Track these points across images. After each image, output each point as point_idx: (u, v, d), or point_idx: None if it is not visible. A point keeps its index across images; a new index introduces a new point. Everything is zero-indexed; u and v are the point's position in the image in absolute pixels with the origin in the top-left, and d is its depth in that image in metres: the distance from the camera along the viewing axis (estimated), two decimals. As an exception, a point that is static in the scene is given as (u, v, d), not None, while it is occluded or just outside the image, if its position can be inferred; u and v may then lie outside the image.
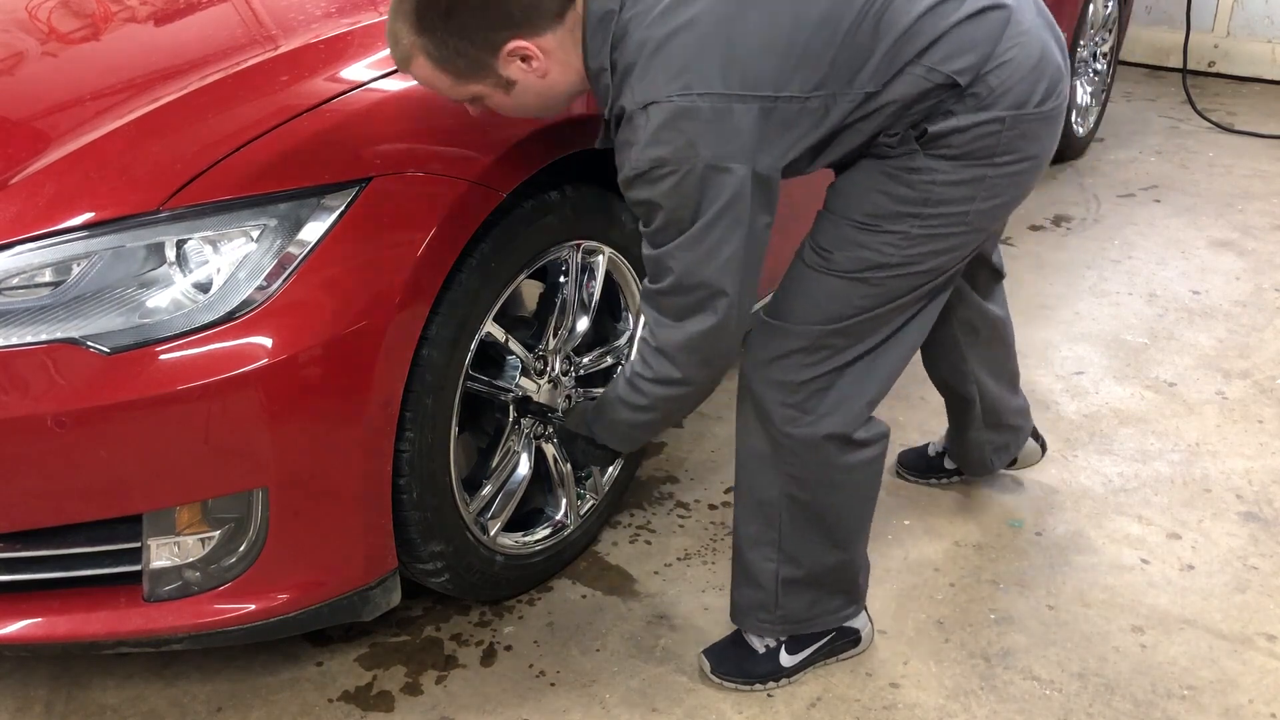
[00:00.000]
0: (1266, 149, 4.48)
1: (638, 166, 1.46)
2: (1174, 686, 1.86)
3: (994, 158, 1.54)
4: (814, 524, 1.76)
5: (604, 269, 2.01)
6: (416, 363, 1.65)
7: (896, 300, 1.63)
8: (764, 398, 1.68)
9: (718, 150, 1.43)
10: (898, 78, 1.49)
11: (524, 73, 1.50)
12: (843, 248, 1.60)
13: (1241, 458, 2.49)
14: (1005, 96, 1.51)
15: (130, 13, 2.15)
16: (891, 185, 1.56)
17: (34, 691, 1.83)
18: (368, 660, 1.90)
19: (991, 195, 1.58)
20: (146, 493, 1.55)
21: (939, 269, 1.63)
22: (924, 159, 1.53)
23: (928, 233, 1.57)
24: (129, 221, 1.51)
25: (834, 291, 1.62)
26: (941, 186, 1.54)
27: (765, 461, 1.73)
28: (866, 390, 1.69)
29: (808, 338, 1.64)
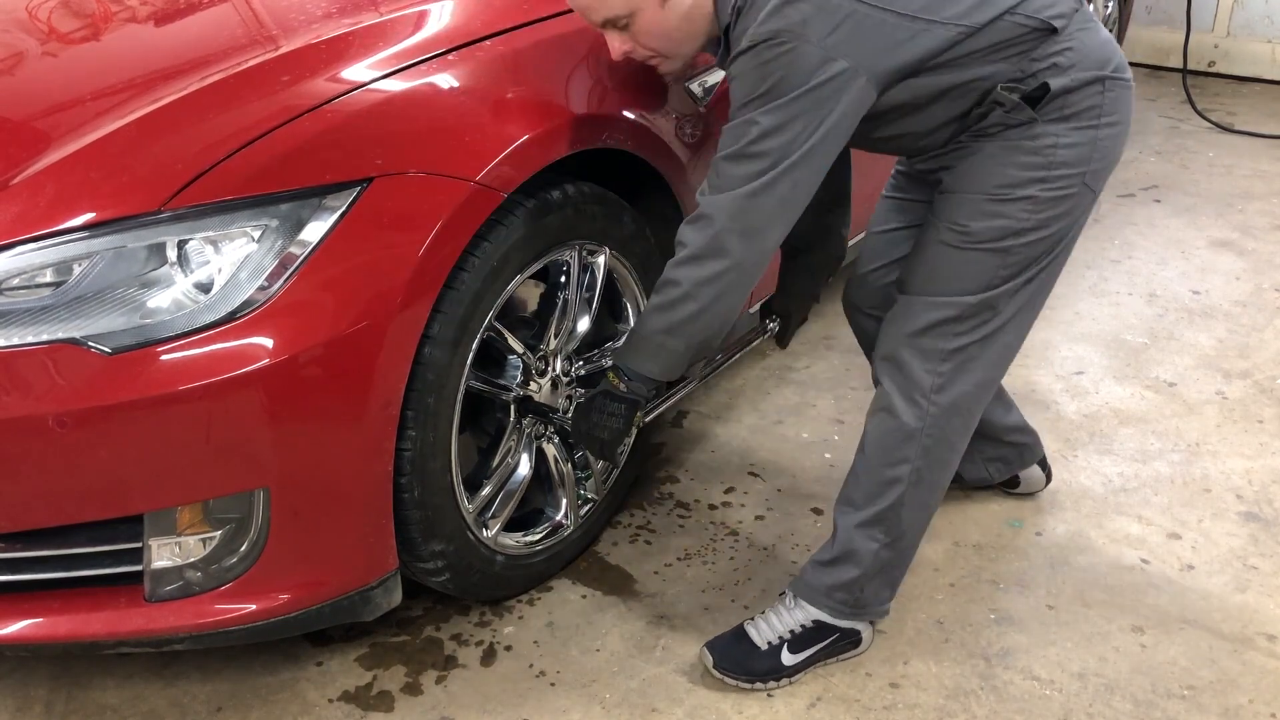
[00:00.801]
0: (1266, 149, 4.48)
1: (752, 39, 1.58)
2: (1174, 686, 1.87)
3: (1100, 118, 1.68)
4: (923, 503, 1.84)
5: (604, 269, 2.01)
6: (418, 362, 1.65)
7: (1030, 269, 1.74)
8: (914, 365, 1.77)
9: (825, 38, 1.55)
10: (995, 23, 1.61)
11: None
12: (979, 219, 1.71)
13: (1241, 458, 2.49)
14: (1092, 56, 1.66)
15: (130, 13, 2.15)
16: (1016, 155, 1.68)
17: (34, 691, 1.83)
18: (368, 660, 1.90)
19: (1101, 155, 1.71)
20: (148, 493, 1.55)
21: (1062, 233, 1.74)
22: (1041, 126, 1.66)
23: (1053, 195, 1.69)
24: (130, 222, 1.51)
25: (977, 263, 1.73)
26: (1062, 149, 1.67)
27: (907, 436, 1.79)
28: (995, 366, 1.81)
29: (959, 308, 1.74)
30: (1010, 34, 1.61)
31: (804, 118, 1.58)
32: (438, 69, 1.74)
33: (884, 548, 1.83)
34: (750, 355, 2.91)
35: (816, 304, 2.18)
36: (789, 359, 2.89)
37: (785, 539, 2.21)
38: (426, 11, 1.92)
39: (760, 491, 2.36)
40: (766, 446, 2.52)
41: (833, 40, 1.55)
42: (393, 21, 1.90)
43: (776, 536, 2.22)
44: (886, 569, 1.86)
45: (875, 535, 1.82)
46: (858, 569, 1.84)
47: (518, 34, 1.86)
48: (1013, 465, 2.26)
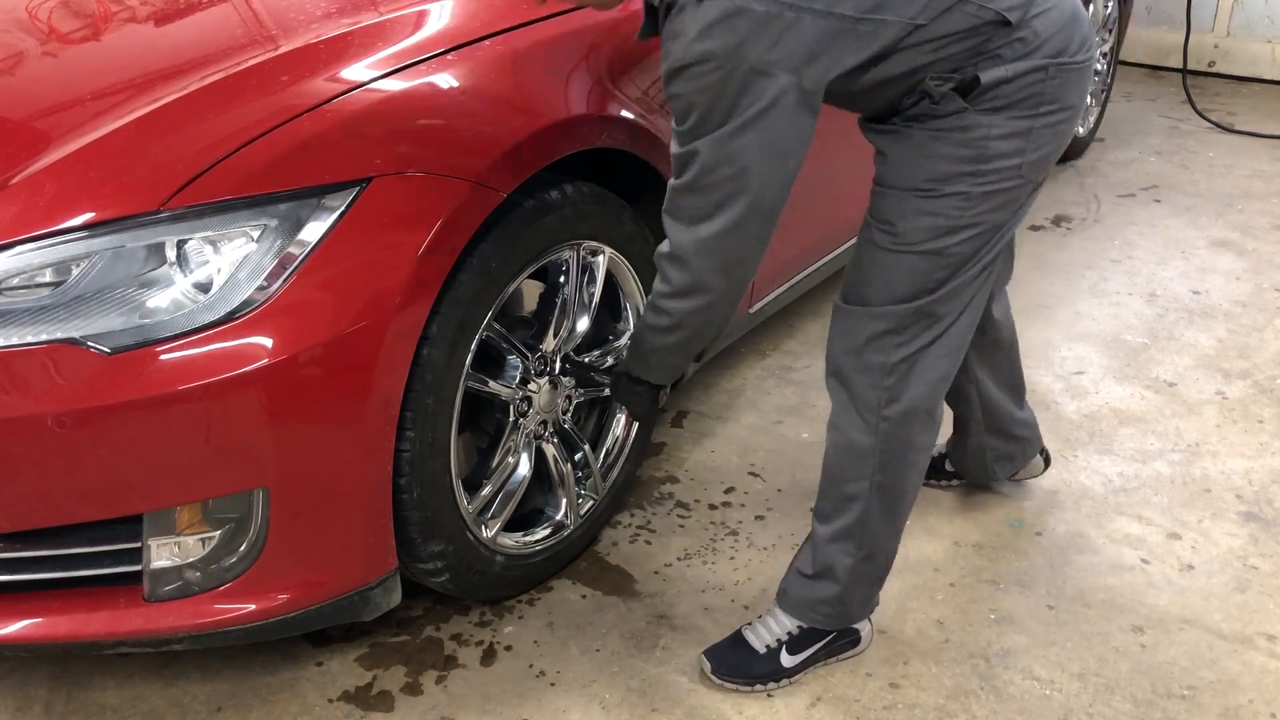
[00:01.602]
0: (1266, 149, 4.48)
1: (684, 59, 1.46)
2: (1174, 686, 1.86)
3: (1039, 108, 1.57)
4: (890, 510, 1.80)
5: (604, 269, 2.01)
6: (417, 362, 1.65)
7: (967, 269, 1.65)
8: (860, 383, 1.72)
9: (764, 54, 1.44)
10: (947, 13, 1.51)
11: None
12: (908, 218, 1.62)
13: (1241, 458, 2.49)
14: (1047, 44, 1.54)
15: (130, 13, 2.15)
16: (945, 148, 1.58)
17: (34, 691, 1.83)
18: (368, 660, 1.90)
19: (1038, 146, 1.60)
20: (147, 493, 1.55)
21: (997, 225, 1.64)
22: (973, 116, 1.56)
23: (986, 189, 1.60)
24: (129, 222, 1.51)
25: (910, 268, 1.64)
26: (994, 141, 1.57)
27: (860, 452, 1.75)
28: (944, 365, 1.73)
29: (895, 318, 1.67)
30: (962, 24, 1.51)
31: (750, 145, 1.49)
32: (437, 69, 1.74)
33: (859, 561, 1.81)
34: (750, 355, 2.91)
35: None
36: (789, 359, 2.89)
37: (785, 539, 2.21)
38: (426, 11, 1.92)
39: (760, 491, 2.36)
40: (766, 446, 2.52)
41: (772, 56, 1.45)
42: (392, 21, 1.90)
43: (776, 536, 2.22)
44: (864, 580, 1.84)
45: (848, 550, 1.81)
46: (837, 585, 1.83)
47: (517, 34, 1.86)
48: (1016, 462, 2.25)
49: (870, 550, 1.81)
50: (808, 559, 1.86)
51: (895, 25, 1.50)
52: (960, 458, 2.26)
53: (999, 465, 2.24)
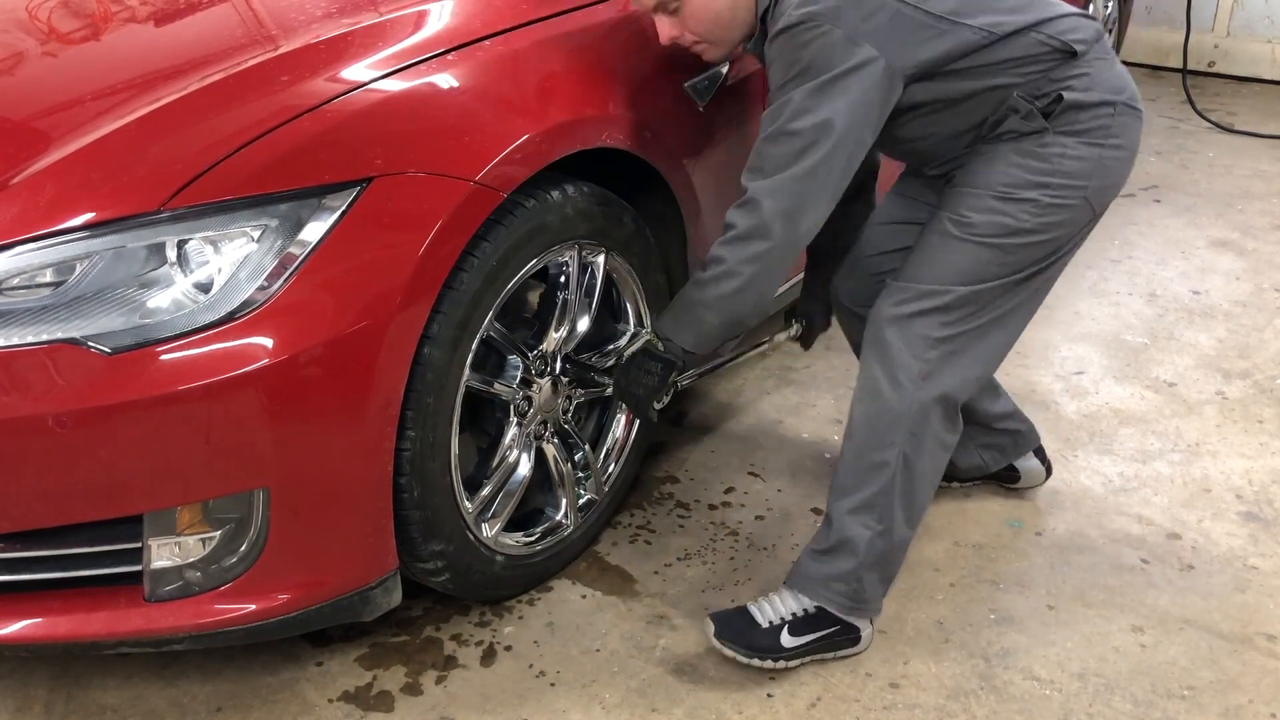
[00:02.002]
0: (1266, 149, 4.48)
1: (789, 20, 1.68)
2: (1174, 686, 1.87)
3: (1107, 139, 1.77)
4: (909, 493, 1.84)
5: (604, 269, 2.01)
6: (417, 362, 1.65)
7: (1024, 271, 1.80)
8: (899, 348, 1.79)
9: (857, 25, 1.66)
10: (1017, 35, 1.72)
11: None
12: (982, 213, 1.77)
13: (1241, 458, 2.49)
14: (1107, 82, 1.76)
15: (130, 13, 2.15)
16: (1024, 159, 1.76)
17: (34, 691, 1.83)
18: (368, 660, 1.90)
19: (1104, 176, 1.79)
20: (147, 493, 1.55)
21: (1059, 243, 1.81)
22: (1051, 136, 1.75)
23: (1055, 202, 1.76)
24: (130, 222, 1.51)
25: (973, 256, 1.78)
26: (1068, 160, 1.75)
27: (893, 420, 1.80)
28: (981, 364, 1.85)
29: (948, 296, 1.78)
30: (1032, 50, 1.72)
31: (836, 100, 1.66)
32: (437, 69, 1.74)
33: (877, 536, 1.83)
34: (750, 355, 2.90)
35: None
36: (789, 359, 2.89)
37: (785, 539, 2.21)
38: (426, 11, 1.92)
39: (760, 491, 2.36)
40: (766, 446, 2.52)
41: (864, 28, 1.65)
42: (392, 21, 1.90)
43: (776, 536, 2.22)
44: (881, 561, 1.85)
45: (868, 522, 1.83)
46: (854, 558, 1.84)
47: (517, 34, 1.86)
48: (1007, 453, 2.26)
49: (888, 526, 1.83)
50: (823, 535, 1.88)
51: (970, 30, 1.70)
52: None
53: (987, 455, 2.25)
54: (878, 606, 1.91)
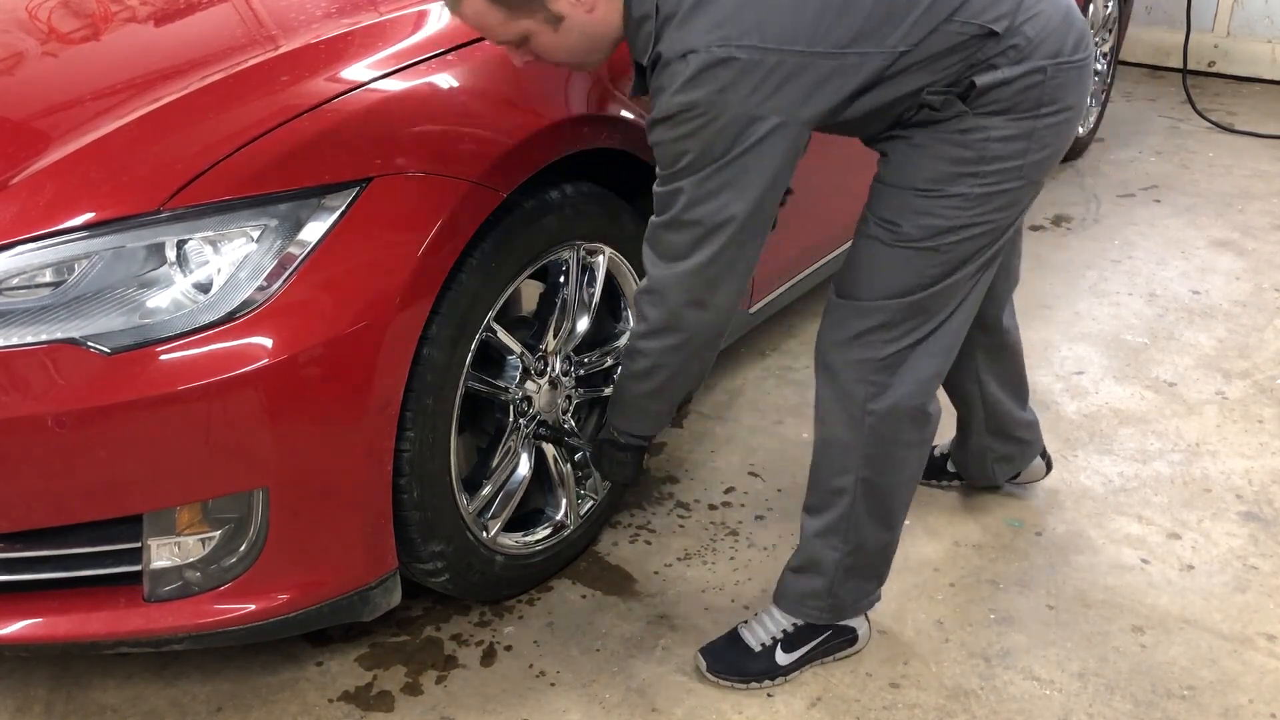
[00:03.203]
0: (1266, 149, 4.48)
1: (667, 110, 1.49)
2: (1174, 686, 1.86)
3: (1039, 109, 1.58)
4: (877, 506, 1.78)
5: (604, 269, 2.01)
6: (417, 363, 1.65)
7: (964, 267, 1.66)
8: (847, 377, 1.71)
9: (747, 100, 1.47)
10: (932, 35, 1.52)
11: (573, 7, 1.54)
12: (908, 217, 1.63)
13: (1241, 458, 2.49)
14: (1042, 46, 1.55)
15: (130, 13, 2.15)
16: (947, 149, 1.59)
17: (34, 691, 1.83)
18: (368, 660, 1.90)
19: (1041, 147, 1.61)
20: (147, 493, 1.55)
21: (999, 227, 1.65)
22: (974, 119, 1.57)
23: (987, 190, 1.60)
24: (129, 222, 1.51)
25: (906, 263, 1.64)
26: (995, 143, 1.58)
27: (845, 447, 1.74)
28: (935, 362, 1.73)
29: (887, 313, 1.67)
30: (948, 43, 1.53)
31: (734, 181, 1.51)
32: (437, 69, 1.74)
33: (845, 556, 1.81)
34: (750, 355, 2.91)
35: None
36: (789, 359, 2.89)
37: (785, 539, 2.21)
38: (426, 11, 1.92)
39: (760, 491, 2.36)
40: (766, 446, 2.52)
41: (757, 99, 1.47)
42: (392, 21, 1.90)
43: (776, 536, 2.22)
44: (857, 572, 1.84)
45: (833, 544, 1.80)
46: (823, 578, 1.83)
47: (517, 34, 1.86)
48: (1016, 464, 2.26)
49: (857, 545, 1.80)
50: (798, 551, 1.87)
51: (879, 55, 1.52)
52: (962, 459, 2.26)
53: (999, 466, 2.24)
54: (868, 604, 1.89)
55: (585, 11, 1.55)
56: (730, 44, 1.45)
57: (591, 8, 1.55)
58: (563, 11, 1.54)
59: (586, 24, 1.56)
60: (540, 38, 1.57)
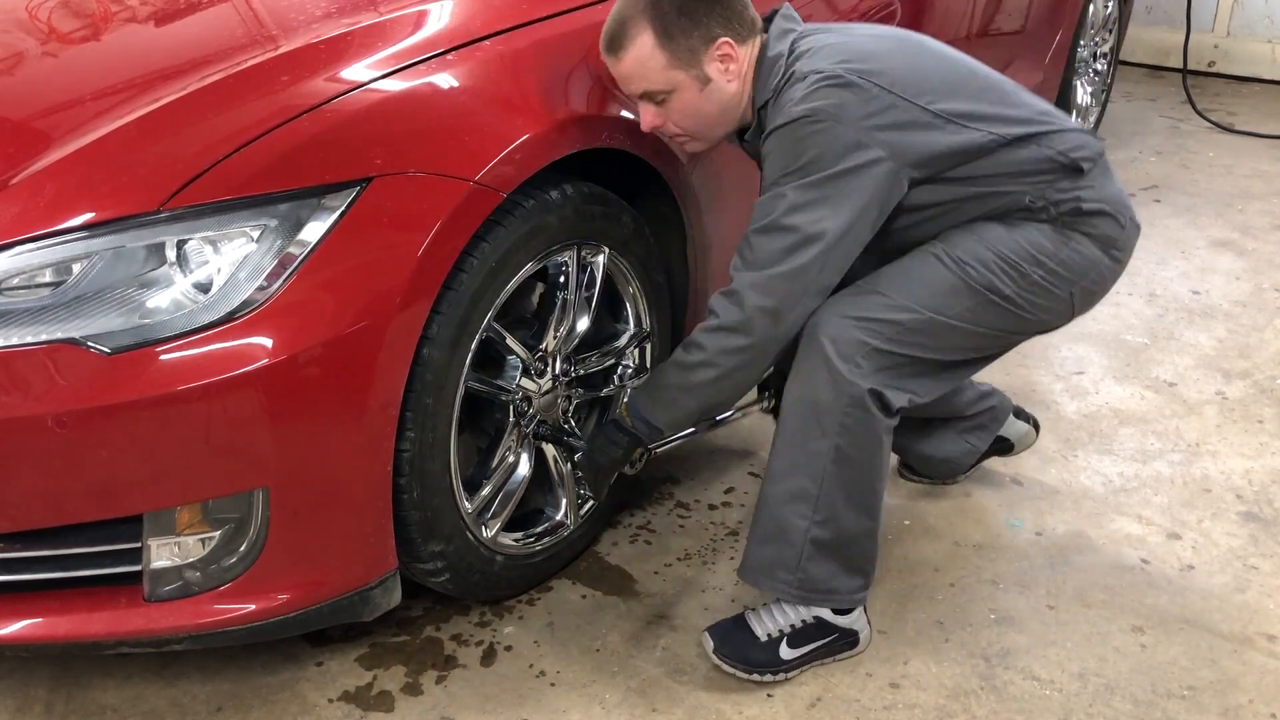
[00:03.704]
0: (1266, 149, 4.48)
1: (789, 116, 1.65)
2: (1174, 686, 1.86)
3: (1111, 249, 1.82)
4: (852, 482, 1.78)
5: (604, 269, 2.01)
6: (417, 363, 1.65)
7: (983, 327, 1.80)
8: (840, 344, 1.72)
9: (861, 122, 1.63)
10: (1025, 143, 1.73)
11: (720, 73, 1.75)
12: (975, 259, 1.76)
13: (1241, 458, 2.49)
14: (1112, 199, 1.80)
15: (130, 13, 2.15)
16: (1035, 236, 1.77)
17: (34, 691, 1.83)
18: (368, 660, 1.90)
19: (1093, 283, 1.84)
20: (147, 493, 1.55)
21: (1027, 323, 1.84)
22: (1066, 231, 1.78)
23: (1042, 284, 1.78)
24: (129, 222, 1.51)
25: (949, 290, 1.76)
26: (1072, 253, 1.79)
27: (823, 409, 1.74)
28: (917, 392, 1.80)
29: (907, 315, 1.74)
30: (1038, 163, 1.73)
31: (834, 198, 1.63)
32: (437, 69, 1.74)
33: (815, 525, 1.77)
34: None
35: None
36: (789, 359, 2.89)
37: (785, 539, 2.21)
38: (426, 11, 1.92)
39: (760, 491, 2.36)
40: (766, 446, 2.51)
41: (868, 125, 1.63)
42: (392, 21, 1.90)
43: (776, 536, 2.22)
44: (832, 550, 1.80)
45: (803, 511, 1.77)
46: (792, 548, 1.79)
47: (517, 34, 1.86)
48: (990, 428, 2.26)
49: (828, 517, 1.77)
50: (760, 521, 1.83)
51: (978, 133, 1.70)
52: (935, 452, 2.26)
53: (973, 437, 2.25)
54: (850, 599, 1.85)
55: (727, 80, 1.75)
56: (853, 70, 1.65)
57: (733, 79, 1.75)
58: (712, 75, 1.74)
59: (725, 93, 1.76)
60: (684, 94, 1.75)
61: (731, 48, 1.73)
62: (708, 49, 1.72)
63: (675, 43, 1.70)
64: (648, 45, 1.71)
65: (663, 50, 1.71)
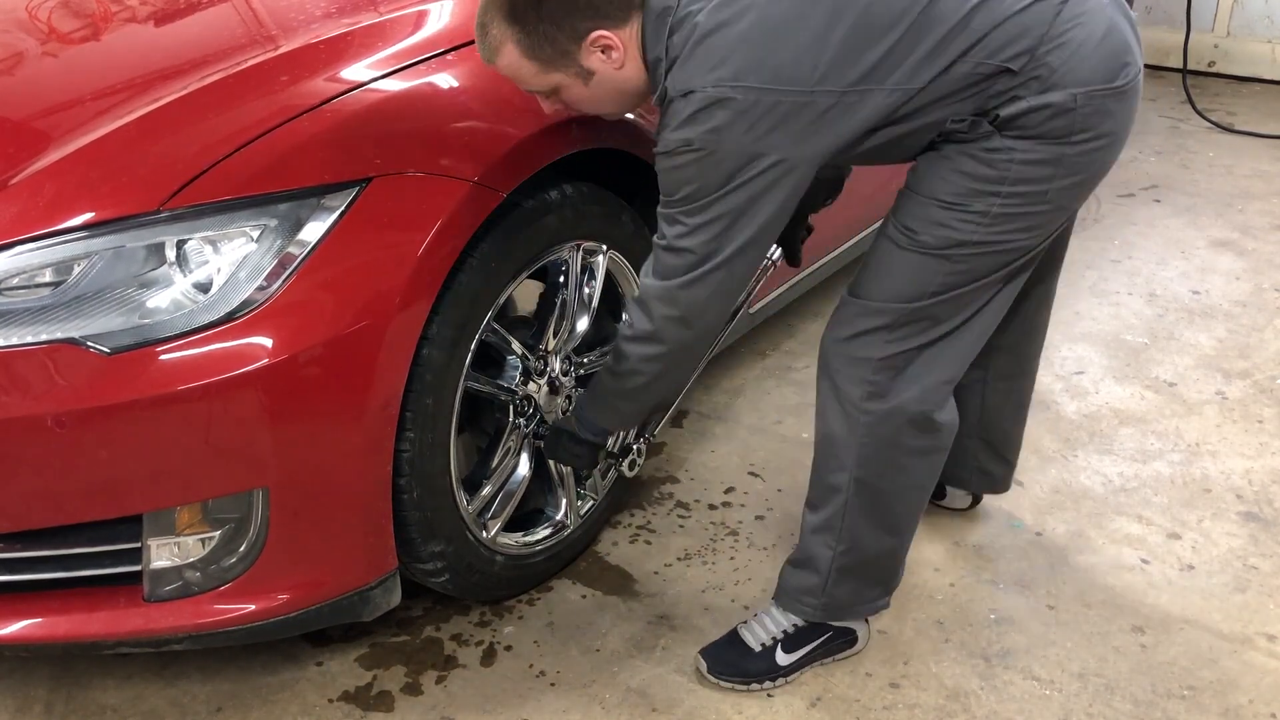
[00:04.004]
0: (1266, 149, 4.48)
1: (666, 145, 1.54)
2: (1174, 686, 1.86)
3: (1070, 136, 1.54)
4: (874, 508, 1.77)
5: (604, 269, 2.01)
6: (416, 363, 1.65)
7: (979, 280, 1.64)
8: (843, 374, 1.71)
9: (742, 139, 1.49)
10: (943, 75, 1.51)
11: (603, 63, 1.59)
12: (926, 226, 1.61)
13: (1241, 458, 2.49)
14: (1070, 75, 1.50)
15: (130, 13, 2.15)
16: (971, 165, 1.57)
17: (34, 691, 1.83)
18: (368, 660, 1.90)
19: (1070, 173, 1.58)
20: (147, 493, 1.55)
21: (1021, 249, 1.63)
22: (1000, 139, 1.54)
23: (1008, 211, 1.58)
24: (129, 222, 1.51)
25: (919, 268, 1.63)
26: (1020, 165, 1.55)
27: (839, 443, 1.74)
28: (944, 369, 1.71)
29: (891, 315, 1.66)
30: (962, 82, 1.51)
31: (729, 215, 1.54)
32: (437, 69, 1.74)
33: (839, 555, 1.79)
34: (750, 355, 2.91)
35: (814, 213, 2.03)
36: (789, 359, 2.89)
37: (785, 539, 2.21)
38: (426, 11, 1.93)
39: (760, 491, 2.36)
40: (766, 446, 2.52)
41: (754, 136, 1.48)
42: (392, 21, 1.90)
43: (776, 536, 2.22)
44: (855, 573, 1.82)
45: (828, 541, 1.80)
46: (817, 575, 1.82)
47: (517, 34, 1.85)
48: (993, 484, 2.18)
49: (851, 545, 1.79)
50: (797, 549, 1.87)
51: (882, 93, 1.51)
52: None
53: (978, 477, 2.17)
54: (871, 608, 1.89)
55: (615, 68, 1.60)
56: (726, 84, 1.48)
57: (620, 64, 1.59)
58: (594, 67, 1.59)
59: (616, 80, 1.62)
60: (571, 90, 1.62)
61: (609, 36, 1.56)
62: (580, 46, 1.56)
63: (541, 50, 1.56)
64: (514, 55, 1.57)
65: (531, 60, 1.57)
